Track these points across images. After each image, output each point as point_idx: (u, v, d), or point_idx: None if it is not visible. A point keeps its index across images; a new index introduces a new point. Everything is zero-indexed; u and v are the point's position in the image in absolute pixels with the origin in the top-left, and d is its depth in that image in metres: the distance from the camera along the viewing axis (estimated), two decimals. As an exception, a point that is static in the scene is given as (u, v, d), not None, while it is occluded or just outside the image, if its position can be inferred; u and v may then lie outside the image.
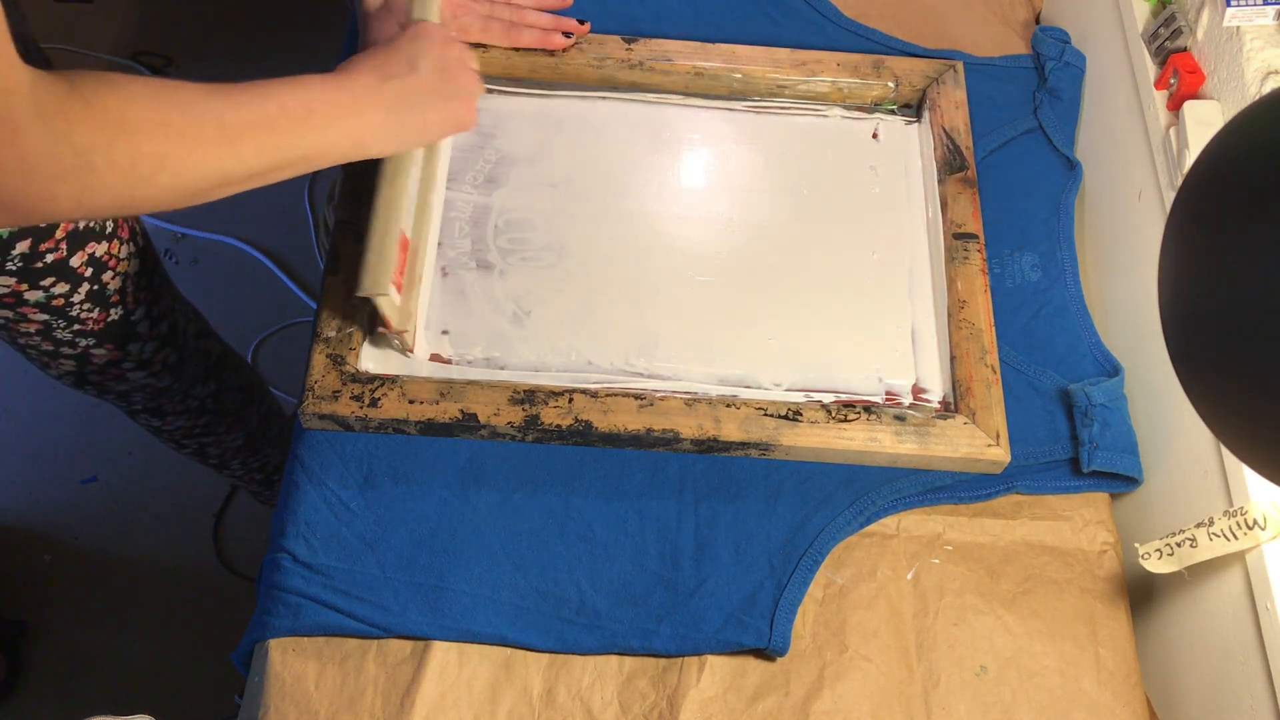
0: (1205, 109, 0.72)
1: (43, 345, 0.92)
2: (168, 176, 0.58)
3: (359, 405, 0.74)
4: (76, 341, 0.93)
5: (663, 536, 0.74)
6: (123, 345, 0.96)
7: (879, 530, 0.75)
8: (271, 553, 0.73)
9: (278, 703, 0.69)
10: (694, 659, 0.71)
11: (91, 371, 0.98)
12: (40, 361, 0.96)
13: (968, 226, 0.83)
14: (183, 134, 0.58)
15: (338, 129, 0.66)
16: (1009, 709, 0.70)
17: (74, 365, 0.96)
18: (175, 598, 1.48)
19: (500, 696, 0.69)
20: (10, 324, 0.89)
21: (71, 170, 0.53)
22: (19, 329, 0.90)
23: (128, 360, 0.98)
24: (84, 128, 0.53)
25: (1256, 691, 0.64)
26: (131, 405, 1.07)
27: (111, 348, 0.96)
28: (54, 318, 0.89)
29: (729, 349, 0.80)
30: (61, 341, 0.92)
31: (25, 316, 0.88)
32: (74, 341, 0.92)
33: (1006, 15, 0.99)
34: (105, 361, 0.97)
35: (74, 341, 0.92)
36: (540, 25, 0.88)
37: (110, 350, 0.96)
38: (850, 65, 0.90)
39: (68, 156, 0.52)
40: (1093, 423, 0.76)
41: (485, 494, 0.74)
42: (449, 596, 0.71)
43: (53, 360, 0.95)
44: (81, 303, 0.89)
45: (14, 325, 0.89)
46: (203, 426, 1.15)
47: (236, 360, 1.18)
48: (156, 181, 0.57)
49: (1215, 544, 0.65)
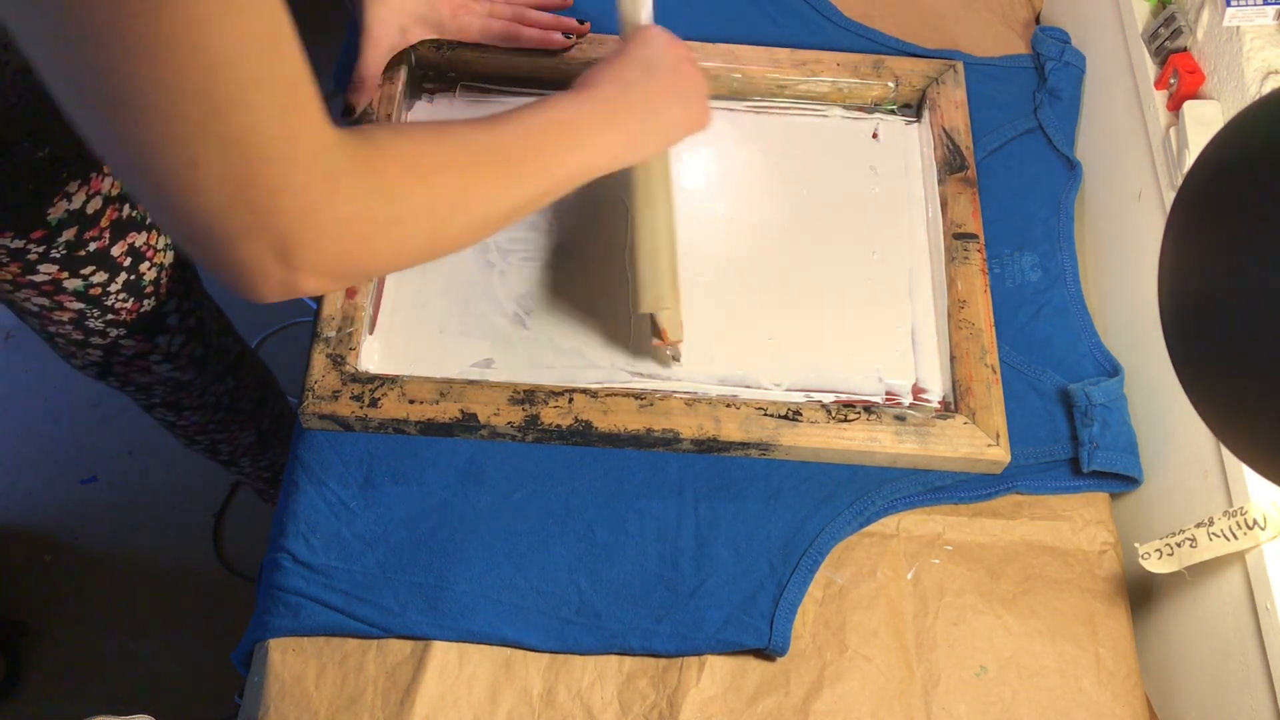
0: (1205, 109, 0.72)
1: (73, 334, 0.93)
2: (464, 214, 0.58)
3: (359, 405, 0.74)
4: (108, 331, 0.93)
5: (663, 536, 0.74)
6: (152, 337, 0.97)
7: (879, 530, 0.75)
8: (271, 553, 0.73)
9: (278, 703, 0.69)
10: (694, 659, 0.71)
11: (118, 362, 0.99)
12: (66, 350, 0.97)
13: (968, 226, 0.83)
14: (468, 169, 0.58)
15: (597, 142, 0.66)
16: (1009, 709, 0.70)
17: (101, 355, 0.97)
18: (175, 598, 1.48)
19: (500, 696, 0.69)
20: (45, 311, 0.90)
21: (384, 224, 0.52)
22: (52, 317, 0.90)
23: (155, 352, 0.99)
24: (391, 178, 0.53)
25: (1256, 691, 0.64)
26: (150, 398, 1.07)
27: (141, 339, 0.96)
28: (89, 306, 0.89)
29: (729, 349, 0.80)
30: (92, 331, 0.93)
31: (61, 304, 0.88)
32: (105, 331, 0.93)
33: (1006, 15, 0.99)
34: (133, 353, 0.98)
35: (105, 331, 0.93)
36: (540, 25, 0.88)
37: (139, 341, 0.97)
38: (850, 65, 0.90)
39: (380, 210, 0.52)
40: (1093, 423, 0.76)
41: (485, 494, 0.74)
42: (449, 596, 0.71)
43: (80, 350, 0.96)
44: (118, 292, 0.90)
45: (48, 313, 0.90)
46: (217, 423, 1.15)
47: (254, 359, 1.19)
48: (455, 221, 0.57)
49: (1215, 544, 0.65)
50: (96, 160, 0.80)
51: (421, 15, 0.85)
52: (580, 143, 0.65)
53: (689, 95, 0.72)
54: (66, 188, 0.79)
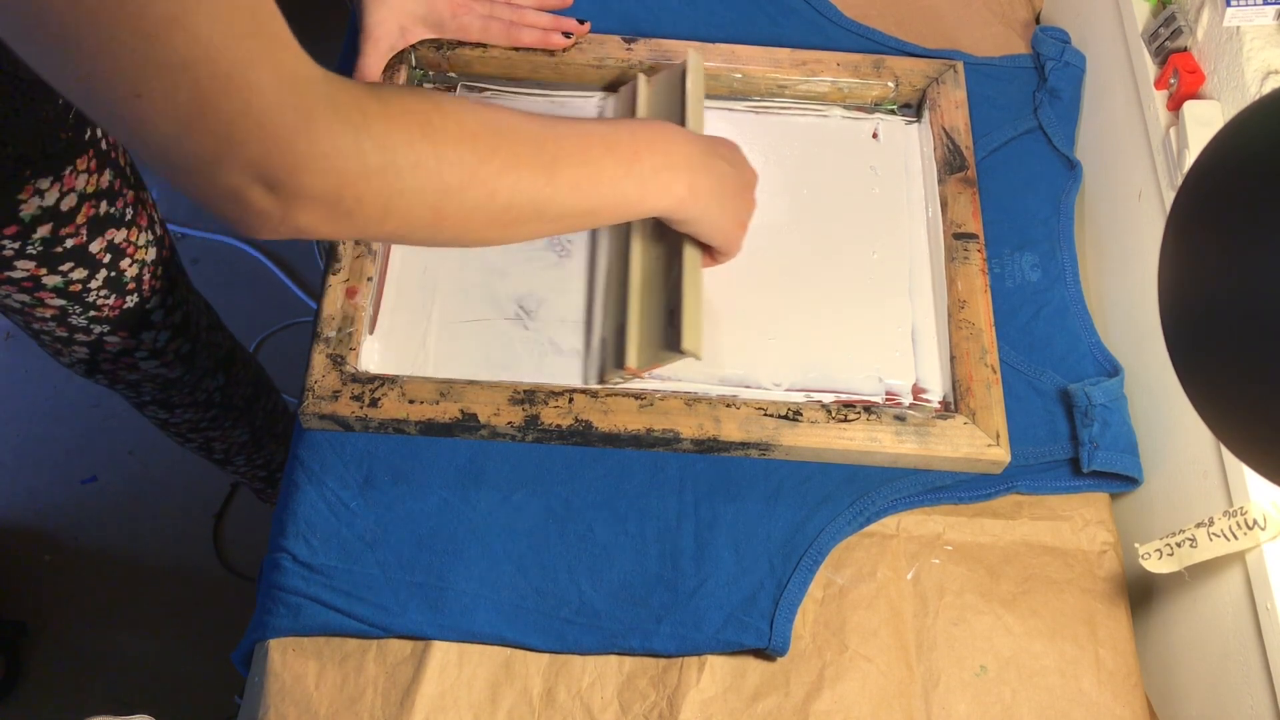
0: (1205, 109, 0.72)
1: (57, 331, 0.93)
2: (479, 193, 0.56)
3: (359, 405, 0.74)
4: (91, 328, 0.93)
5: (663, 536, 0.74)
6: (136, 333, 0.97)
7: (879, 530, 0.75)
8: (271, 553, 0.73)
9: (278, 703, 0.69)
10: (694, 659, 0.71)
11: (104, 359, 0.98)
12: (53, 348, 0.97)
13: (968, 226, 0.83)
14: (495, 149, 0.56)
15: (662, 179, 0.64)
16: (1009, 709, 0.70)
17: (87, 352, 0.97)
18: (175, 598, 1.48)
19: (500, 696, 0.69)
20: (26, 308, 0.90)
21: (377, 169, 0.51)
22: (34, 314, 0.90)
23: (141, 349, 0.99)
24: (380, 125, 0.51)
25: (1256, 691, 0.64)
26: (141, 396, 1.07)
27: (125, 335, 0.96)
28: (70, 303, 0.89)
29: (729, 349, 0.80)
30: (76, 328, 0.93)
31: (42, 301, 0.88)
32: (88, 328, 0.93)
33: (1006, 15, 0.99)
34: (119, 349, 0.98)
35: (88, 328, 0.93)
36: (540, 25, 0.88)
37: (124, 338, 0.96)
38: (850, 65, 0.90)
39: (371, 154, 0.51)
40: (1093, 423, 0.76)
41: (485, 494, 0.74)
42: (449, 596, 0.71)
43: (66, 347, 0.96)
44: (98, 289, 0.89)
45: (30, 310, 0.90)
46: (210, 420, 1.15)
47: (245, 356, 1.19)
48: (467, 196, 0.56)
49: (1215, 544, 0.65)
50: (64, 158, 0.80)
51: (421, 15, 0.85)
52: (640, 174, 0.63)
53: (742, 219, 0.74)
54: (37, 184, 0.79)
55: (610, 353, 0.78)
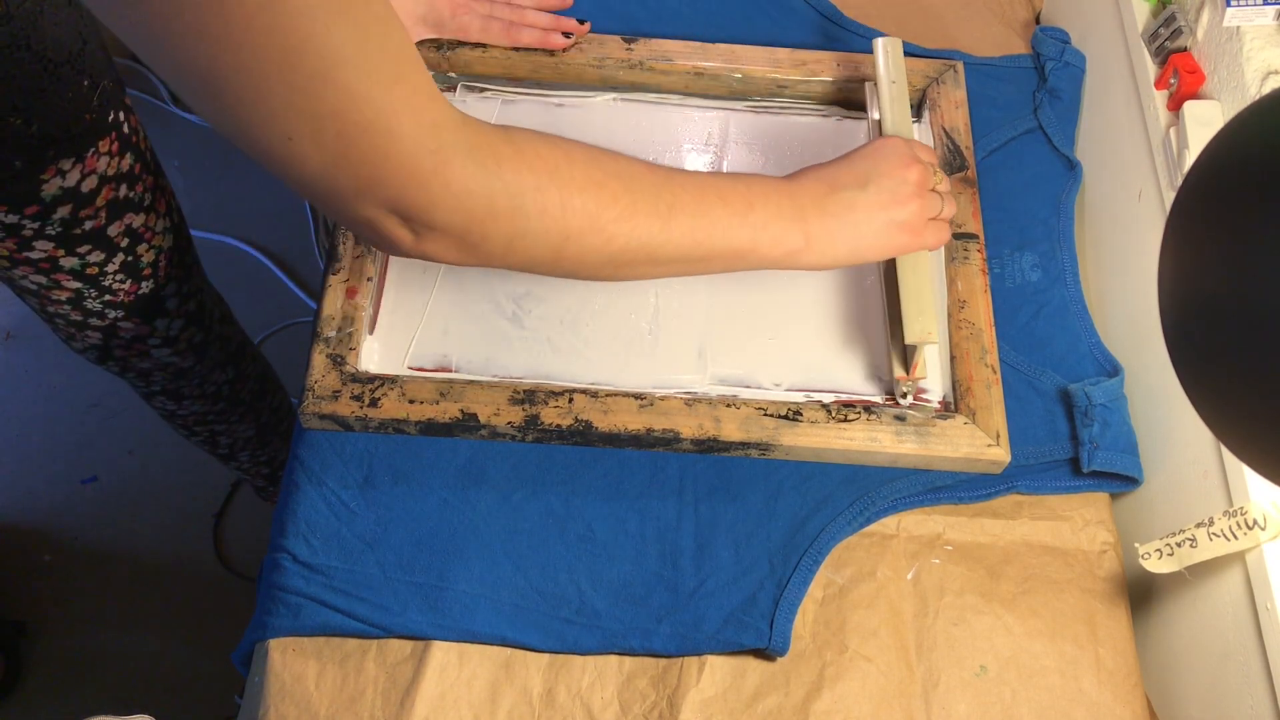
0: (1205, 109, 0.72)
1: (71, 315, 0.93)
2: (597, 238, 0.59)
3: (359, 405, 0.74)
4: (106, 313, 0.93)
5: (663, 536, 0.74)
6: (150, 320, 0.98)
7: (879, 530, 0.75)
8: (271, 553, 0.73)
9: (278, 703, 0.69)
10: (694, 659, 0.71)
11: (117, 345, 0.99)
12: (66, 333, 0.97)
13: (968, 226, 0.83)
14: (616, 198, 0.59)
15: (773, 231, 0.65)
16: (1009, 709, 0.70)
17: (100, 338, 0.97)
18: (175, 598, 1.48)
19: (500, 696, 0.69)
20: (43, 290, 0.90)
21: (505, 212, 0.55)
22: (50, 296, 0.91)
23: (154, 336, 1.00)
24: (513, 169, 0.55)
25: (1256, 691, 0.64)
26: (150, 386, 1.07)
27: (139, 321, 0.97)
28: (86, 286, 0.90)
29: (729, 349, 0.80)
30: (91, 312, 0.93)
31: (58, 283, 0.89)
32: (103, 313, 0.93)
33: (1006, 15, 0.99)
34: (132, 335, 0.98)
35: (103, 313, 0.93)
36: (540, 25, 0.88)
37: (138, 324, 0.97)
38: (850, 65, 0.90)
39: (500, 197, 0.54)
40: (1093, 423, 0.76)
41: (485, 494, 0.74)
42: (449, 596, 0.71)
43: (80, 331, 0.96)
44: (115, 273, 0.90)
45: (46, 292, 0.90)
46: (217, 413, 1.15)
47: (254, 351, 1.19)
48: (585, 240, 0.58)
49: (1215, 544, 0.65)
50: (87, 139, 0.80)
51: (421, 15, 0.86)
52: (753, 224, 0.64)
53: (899, 223, 0.69)
54: (59, 164, 0.79)
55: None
